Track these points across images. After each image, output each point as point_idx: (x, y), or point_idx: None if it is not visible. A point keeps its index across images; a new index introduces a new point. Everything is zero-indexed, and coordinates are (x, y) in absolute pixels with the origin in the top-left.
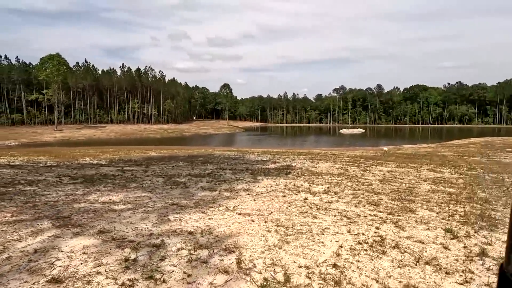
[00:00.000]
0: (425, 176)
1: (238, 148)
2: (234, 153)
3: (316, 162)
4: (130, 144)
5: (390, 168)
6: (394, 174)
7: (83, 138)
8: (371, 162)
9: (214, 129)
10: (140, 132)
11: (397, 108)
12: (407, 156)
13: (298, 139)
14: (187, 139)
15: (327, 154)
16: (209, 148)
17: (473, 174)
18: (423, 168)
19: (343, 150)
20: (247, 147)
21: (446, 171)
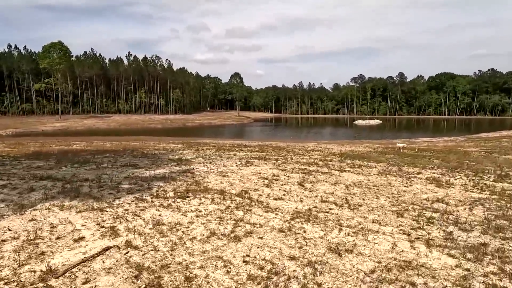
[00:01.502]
0: (411, 199)
1: (212, 140)
2: (175, 147)
3: (247, 166)
4: (123, 135)
5: (364, 176)
6: (354, 191)
7: (82, 128)
8: (346, 164)
9: (221, 120)
10: (143, 122)
11: (421, 98)
12: (412, 154)
13: (302, 130)
14: (186, 130)
15: (293, 149)
16: (177, 141)
17: (507, 193)
18: (422, 175)
19: (337, 144)
20: (228, 139)
21: (458, 184)
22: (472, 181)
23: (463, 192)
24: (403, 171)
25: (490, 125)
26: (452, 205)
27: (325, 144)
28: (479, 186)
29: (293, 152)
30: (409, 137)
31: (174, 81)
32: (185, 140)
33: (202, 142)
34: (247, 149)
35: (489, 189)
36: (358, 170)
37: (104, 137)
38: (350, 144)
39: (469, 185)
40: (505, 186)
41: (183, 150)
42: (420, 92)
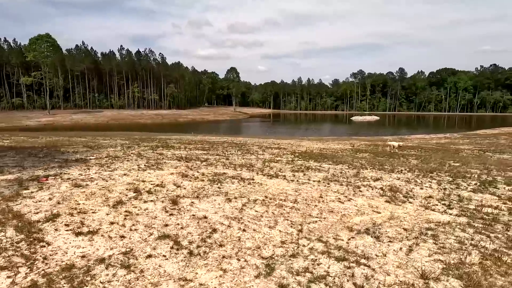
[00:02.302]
0: (326, 227)
1: (180, 136)
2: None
3: (149, 169)
4: (105, 130)
5: (297, 184)
6: (248, 213)
7: (68, 123)
8: (292, 165)
9: (215, 116)
10: (132, 117)
11: (421, 94)
12: (389, 154)
13: (294, 127)
14: (174, 125)
15: (253, 146)
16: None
17: (483, 212)
18: (380, 182)
19: (317, 141)
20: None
21: (421, 196)
22: (442, 192)
23: (420, 211)
24: (358, 176)
25: (492, 122)
26: (386, 239)
27: (303, 141)
28: (448, 200)
29: (246, 150)
30: (404, 133)
31: (169, 76)
32: (151, 136)
33: (164, 138)
34: (196, 146)
35: (460, 205)
36: (298, 175)
37: (76, 132)
38: (332, 141)
39: (435, 197)
40: (485, 200)
41: (110, 148)
42: (420, 88)
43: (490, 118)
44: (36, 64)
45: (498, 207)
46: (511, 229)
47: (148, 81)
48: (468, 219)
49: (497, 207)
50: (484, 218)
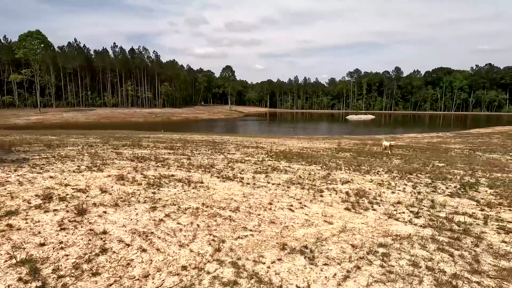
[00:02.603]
0: (255, 245)
1: (157, 135)
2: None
3: (91, 170)
4: (94, 128)
5: (251, 188)
6: (165, 227)
7: (58, 121)
8: (261, 165)
9: (210, 114)
10: (125, 116)
11: (417, 94)
12: (371, 153)
13: (287, 125)
14: (165, 124)
15: (229, 145)
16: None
17: (455, 222)
18: (349, 185)
19: (303, 139)
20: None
21: (390, 201)
22: (415, 196)
23: (381, 221)
24: (327, 178)
25: (487, 121)
26: (323, 260)
27: (290, 139)
28: (418, 207)
29: (219, 149)
30: (398, 132)
31: (163, 74)
32: (133, 134)
33: (142, 137)
34: (166, 145)
35: (430, 212)
36: (258, 178)
37: (61, 130)
38: (322, 139)
39: (404, 203)
40: (461, 205)
41: (70, 146)
42: (416, 87)
43: (485, 117)
44: (27, 61)
45: (473, 215)
46: (481, 245)
47: (142, 79)
48: (434, 231)
49: (473, 215)
50: (454, 230)
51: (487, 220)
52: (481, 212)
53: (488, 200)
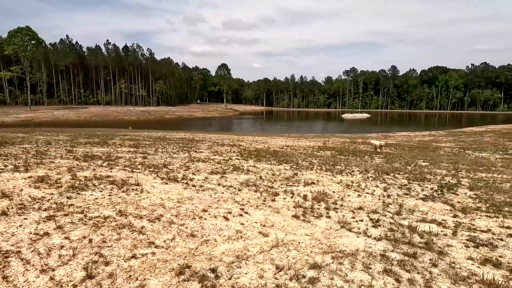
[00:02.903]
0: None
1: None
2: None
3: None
4: (82, 126)
5: (194, 191)
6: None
7: (48, 119)
8: (223, 165)
9: (204, 113)
10: (117, 114)
11: (413, 92)
12: (353, 151)
13: (279, 124)
14: (156, 122)
15: (202, 144)
16: None
17: (419, 233)
18: (310, 187)
19: (289, 138)
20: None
21: (351, 206)
22: (383, 200)
23: (331, 232)
24: (291, 179)
25: (482, 120)
26: None
27: (276, 138)
28: (381, 213)
29: (188, 147)
30: (391, 131)
31: (157, 72)
32: (112, 132)
33: (118, 134)
34: (132, 143)
35: (393, 220)
36: (211, 179)
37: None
38: (312, 138)
39: (366, 209)
40: (432, 211)
41: (24, 144)
42: (412, 86)
43: (480, 116)
44: (18, 58)
45: (443, 223)
46: (441, 263)
47: (136, 77)
48: (388, 245)
49: (442, 223)
50: (413, 243)
51: (458, 229)
52: (453, 219)
53: (465, 204)
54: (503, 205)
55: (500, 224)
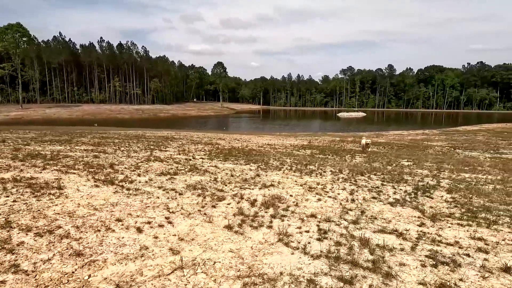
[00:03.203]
0: None
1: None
2: None
3: None
4: (71, 125)
5: (124, 196)
6: None
7: (38, 118)
8: (179, 165)
9: (199, 111)
10: (111, 112)
11: (409, 91)
12: (335, 151)
13: (278, 123)
14: (148, 121)
15: (174, 140)
16: None
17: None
18: (276, 189)
19: (274, 136)
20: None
21: (304, 216)
22: (344, 205)
23: (263, 247)
24: (249, 181)
25: (477, 119)
26: None
27: (260, 136)
28: (335, 222)
29: (156, 145)
30: (385, 129)
31: (152, 70)
32: (93, 130)
33: (92, 132)
34: (100, 142)
35: (346, 231)
36: (159, 180)
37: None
38: (297, 137)
39: (321, 216)
40: (398, 218)
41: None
42: (409, 85)
43: (476, 115)
44: (9, 55)
45: (404, 234)
46: None
47: (131, 75)
48: (324, 266)
49: (403, 234)
50: (357, 263)
51: (419, 241)
52: (418, 228)
53: (438, 209)
54: (480, 211)
55: (471, 235)
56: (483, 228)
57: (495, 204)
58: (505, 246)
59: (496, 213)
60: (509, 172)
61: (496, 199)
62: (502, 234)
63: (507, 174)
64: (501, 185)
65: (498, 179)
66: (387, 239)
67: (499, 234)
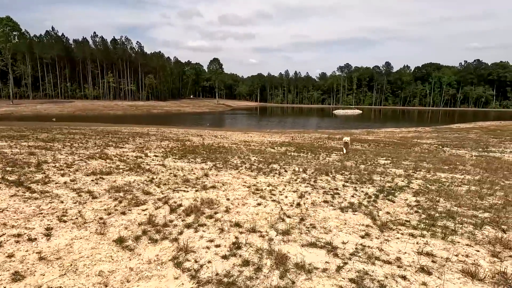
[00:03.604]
0: None
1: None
2: None
3: None
4: (66, 121)
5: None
6: None
7: (28, 114)
8: (132, 160)
9: (194, 108)
10: (104, 108)
11: (406, 89)
12: (310, 148)
13: (267, 120)
14: (142, 117)
15: (135, 136)
16: None
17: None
18: (227, 188)
19: (264, 134)
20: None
21: (236, 222)
22: (285, 210)
23: (150, 267)
24: (190, 182)
25: (473, 117)
26: None
27: (244, 133)
28: (259, 234)
29: (119, 141)
30: (378, 127)
31: (147, 66)
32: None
33: (63, 128)
34: (52, 137)
35: (267, 245)
36: (84, 180)
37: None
38: (285, 133)
39: (247, 226)
40: (340, 227)
41: None
42: (406, 83)
43: (472, 113)
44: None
45: (337, 248)
46: None
47: (125, 71)
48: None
49: (336, 248)
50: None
51: (351, 260)
52: (359, 240)
53: (394, 215)
54: (442, 217)
55: (419, 249)
56: (437, 240)
57: (463, 209)
58: (454, 265)
59: (459, 220)
60: (490, 172)
61: (465, 203)
62: (457, 248)
63: (487, 174)
64: (477, 187)
65: (476, 179)
66: (313, 256)
67: (453, 248)
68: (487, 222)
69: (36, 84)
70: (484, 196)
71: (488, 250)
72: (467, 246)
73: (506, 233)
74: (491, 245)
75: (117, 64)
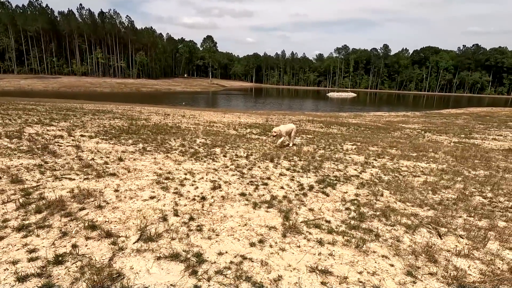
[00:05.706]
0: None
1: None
2: None
3: None
4: (48, 97)
5: None
6: None
7: (10, 89)
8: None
9: (185, 87)
10: (90, 85)
11: (403, 73)
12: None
13: (257, 101)
14: (128, 95)
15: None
16: None
17: None
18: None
19: (246, 114)
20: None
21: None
22: (182, 205)
23: None
24: (106, 165)
25: (467, 103)
26: None
27: (218, 113)
28: (137, 237)
29: (88, 119)
30: (369, 110)
31: (138, 42)
32: (38, 103)
33: (40, 104)
34: None
35: (106, 252)
36: None
37: None
38: (261, 115)
39: (100, 230)
40: (246, 225)
41: None
42: (403, 66)
43: (466, 99)
44: None
45: (205, 262)
46: None
47: (114, 47)
48: None
49: (205, 262)
50: None
51: (212, 278)
52: (245, 249)
53: (318, 213)
54: (373, 217)
55: (316, 263)
56: (348, 249)
57: (406, 205)
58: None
59: (393, 221)
60: (460, 160)
61: (411, 198)
62: (366, 262)
63: (456, 162)
64: (437, 178)
65: (439, 168)
66: (159, 275)
67: (362, 262)
68: (425, 223)
69: (21, 59)
70: (439, 189)
71: (406, 265)
72: (382, 258)
73: (442, 238)
74: (414, 256)
75: (106, 40)
